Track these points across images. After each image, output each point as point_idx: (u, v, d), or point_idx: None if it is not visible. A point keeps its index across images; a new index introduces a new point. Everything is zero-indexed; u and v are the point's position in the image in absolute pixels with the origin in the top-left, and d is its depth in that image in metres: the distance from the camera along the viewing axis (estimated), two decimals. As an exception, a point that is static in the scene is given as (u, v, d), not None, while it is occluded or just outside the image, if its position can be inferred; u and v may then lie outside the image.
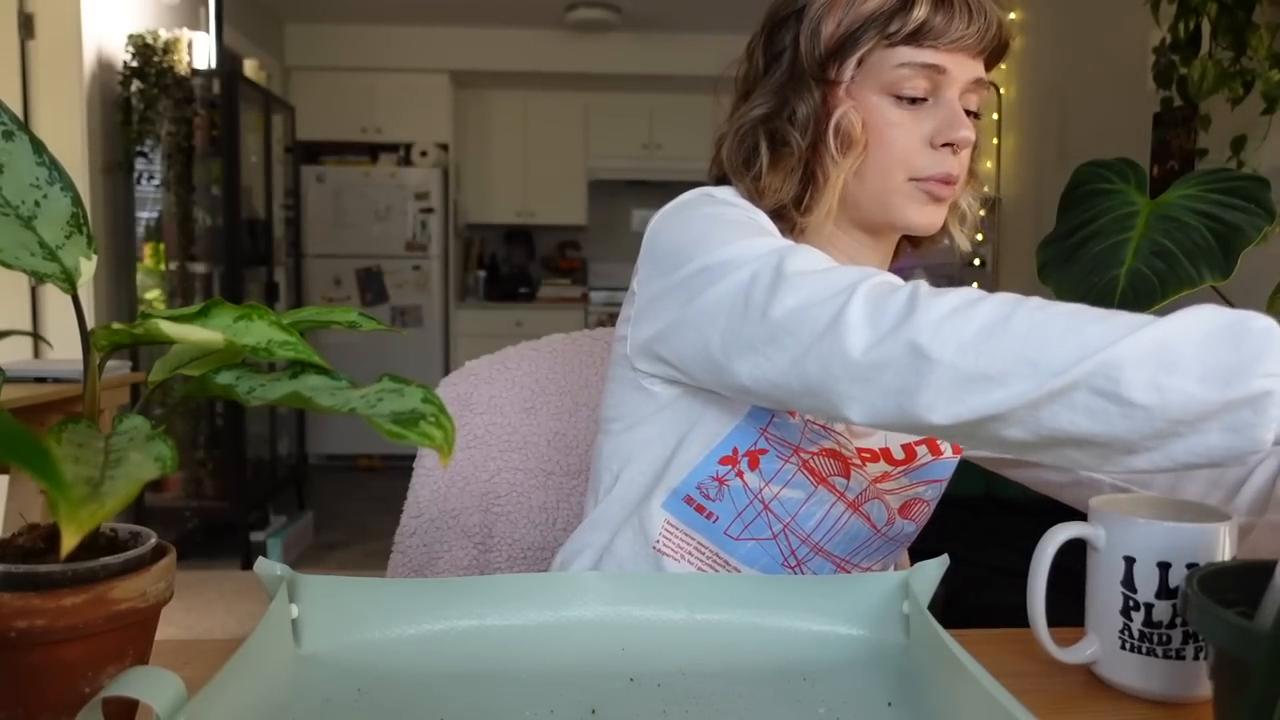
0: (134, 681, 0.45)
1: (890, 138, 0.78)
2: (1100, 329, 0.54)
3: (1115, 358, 0.52)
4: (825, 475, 0.80)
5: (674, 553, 0.82)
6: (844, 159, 0.79)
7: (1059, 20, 3.59)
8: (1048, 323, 0.55)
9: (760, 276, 0.68)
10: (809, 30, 0.80)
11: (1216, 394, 0.51)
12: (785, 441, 0.79)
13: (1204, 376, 0.51)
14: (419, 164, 5.44)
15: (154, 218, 3.50)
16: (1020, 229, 3.85)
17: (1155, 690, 0.61)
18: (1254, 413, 0.50)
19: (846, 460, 0.80)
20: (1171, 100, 2.59)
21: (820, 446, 0.80)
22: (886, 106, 0.78)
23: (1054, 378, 0.53)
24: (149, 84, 3.37)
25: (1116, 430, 0.53)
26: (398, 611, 0.64)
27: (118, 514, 0.41)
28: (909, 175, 0.79)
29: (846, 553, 0.84)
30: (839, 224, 0.84)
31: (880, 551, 0.86)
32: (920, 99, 0.78)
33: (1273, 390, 0.50)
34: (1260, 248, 0.65)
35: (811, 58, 0.80)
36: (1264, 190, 0.65)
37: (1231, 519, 0.62)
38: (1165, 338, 0.52)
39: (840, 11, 0.79)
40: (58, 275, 0.51)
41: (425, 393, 0.52)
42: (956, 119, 0.77)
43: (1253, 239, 0.62)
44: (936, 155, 0.78)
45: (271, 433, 4.11)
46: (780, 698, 0.56)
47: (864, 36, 0.77)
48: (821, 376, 0.63)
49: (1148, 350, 0.52)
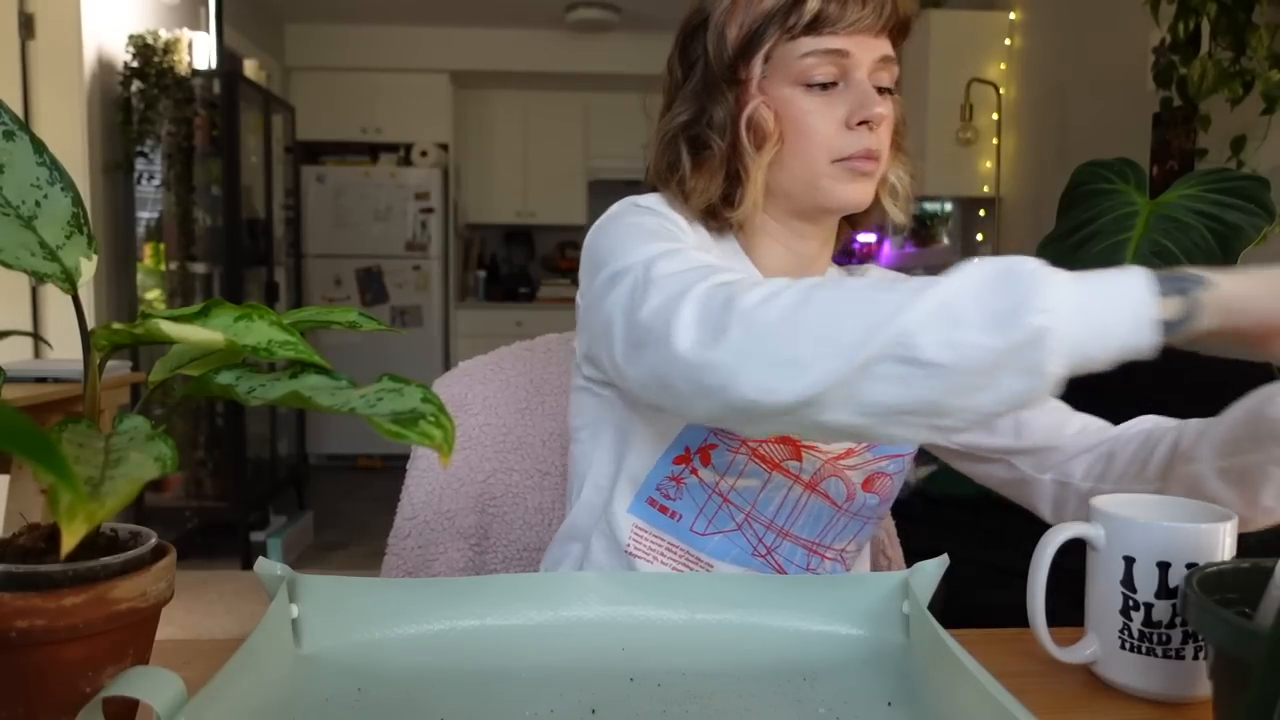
0: (134, 681, 0.45)
1: (808, 125, 0.81)
2: (890, 298, 0.56)
3: (906, 324, 0.54)
4: (777, 461, 0.82)
5: (645, 554, 0.84)
6: (760, 153, 0.82)
7: (1059, 20, 3.59)
8: (842, 300, 0.58)
9: (638, 281, 0.70)
10: (715, 36, 0.83)
11: (1001, 340, 0.53)
12: (732, 434, 0.81)
13: (985, 325, 0.53)
14: (419, 164, 5.44)
15: (154, 218, 3.50)
16: (1020, 229, 3.85)
17: (1155, 690, 0.61)
18: (1037, 351, 0.53)
19: (796, 443, 0.82)
20: (1171, 100, 2.59)
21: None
22: (799, 96, 0.81)
23: (855, 351, 0.55)
24: (149, 84, 3.37)
25: (925, 394, 0.55)
26: (398, 611, 0.64)
27: (118, 514, 0.41)
28: (831, 158, 0.81)
29: (814, 535, 0.85)
30: (775, 215, 0.86)
31: (849, 530, 0.87)
32: (830, 84, 0.81)
33: (1049, 326, 0.52)
34: (1260, 248, 0.65)
35: (721, 61, 0.83)
36: (1264, 190, 0.65)
37: (1232, 519, 0.62)
38: (948, 296, 0.55)
39: (741, 14, 0.82)
40: (58, 275, 0.51)
41: (425, 392, 0.52)
42: (868, 98, 0.79)
43: (1253, 239, 0.63)
44: (854, 134, 0.80)
45: (271, 433, 4.11)
46: (780, 698, 0.56)
47: (766, 33, 0.80)
48: (668, 377, 0.64)
49: (933, 310, 0.54)
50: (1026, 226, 3.78)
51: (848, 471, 0.85)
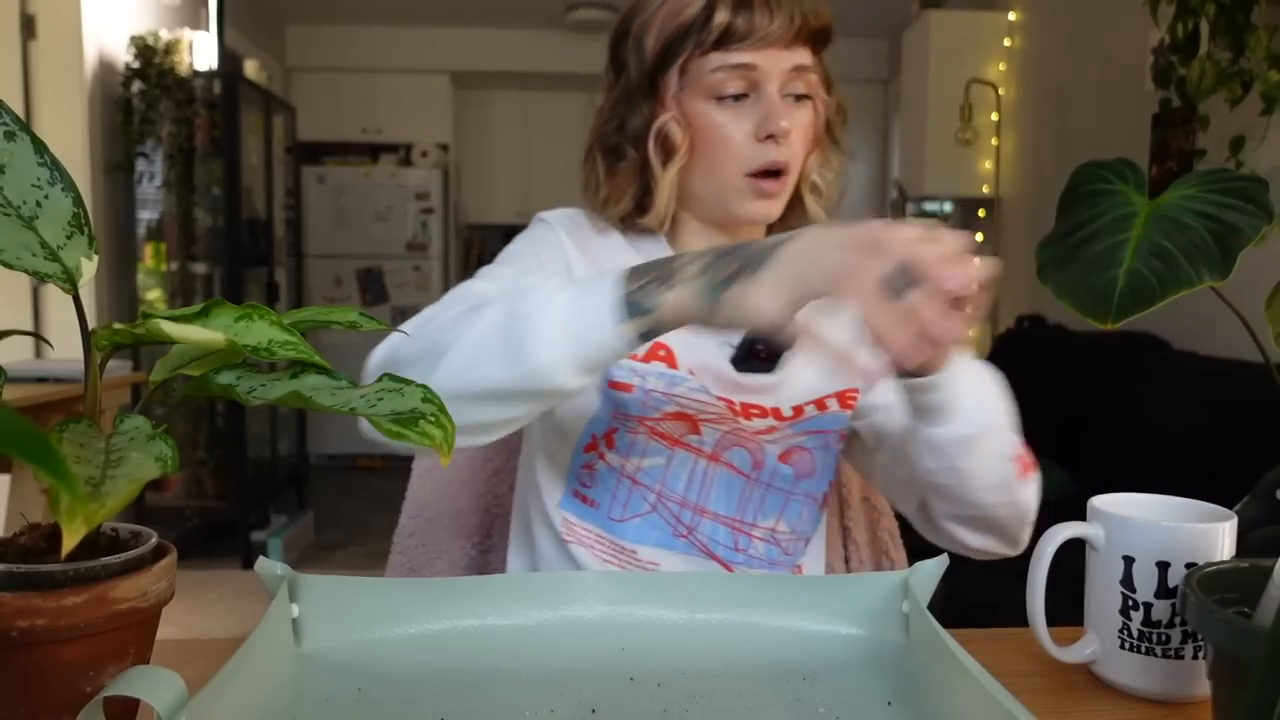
0: (135, 681, 0.45)
1: (719, 137, 0.84)
2: (472, 339, 0.68)
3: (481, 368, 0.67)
4: (677, 437, 0.85)
5: (580, 544, 0.88)
6: (668, 166, 0.86)
7: (1059, 20, 3.59)
8: (460, 349, 0.68)
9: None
10: (635, 48, 0.87)
11: (517, 371, 0.65)
12: (629, 416, 0.84)
13: (504, 364, 0.66)
14: (419, 164, 5.44)
15: (155, 218, 3.50)
16: (1020, 229, 3.85)
17: (1154, 690, 0.61)
18: (545, 378, 0.65)
19: (693, 418, 0.85)
20: (1170, 101, 2.59)
21: (663, 412, 0.85)
22: (711, 109, 0.83)
23: (463, 377, 0.67)
24: (150, 84, 3.37)
25: (501, 399, 0.67)
26: (398, 611, 0.64)
27: (118, 514, 0.41)
28: (743, 170, 0.84)
29: (732, 510, 0.87)
30: (697, 219, 0.90)
31: (771, 504, 0.88)
32: (742, 95, 0.83)
33: (544, 360, 0.64)
34: (1259, 248, 0.65)
35: (640, 73, 0.87)
36: (1263, 191, 0.65)
37: (1231, 519, 0.62)
38: (479, 340, 0.67)
39: (657, 27, 0.85)
40: (59, 275, 0.51)
41: (425, 392, 0.52)
42: (774, 112, 0.82)
43: (1251, 239, 0.63)
44: (761, 147, 0.83)
45: (272, 433, 4.11)
46: (780, 697, 0.56)
47: (680, 47, 0.84)
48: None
49: (468, 353, 0.67)
50: (1025, 226, 3.78)
51: (766, 443, 0.87)
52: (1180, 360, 2.50)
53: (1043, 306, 3.45)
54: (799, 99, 0.85)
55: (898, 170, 4.84)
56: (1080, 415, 2.68)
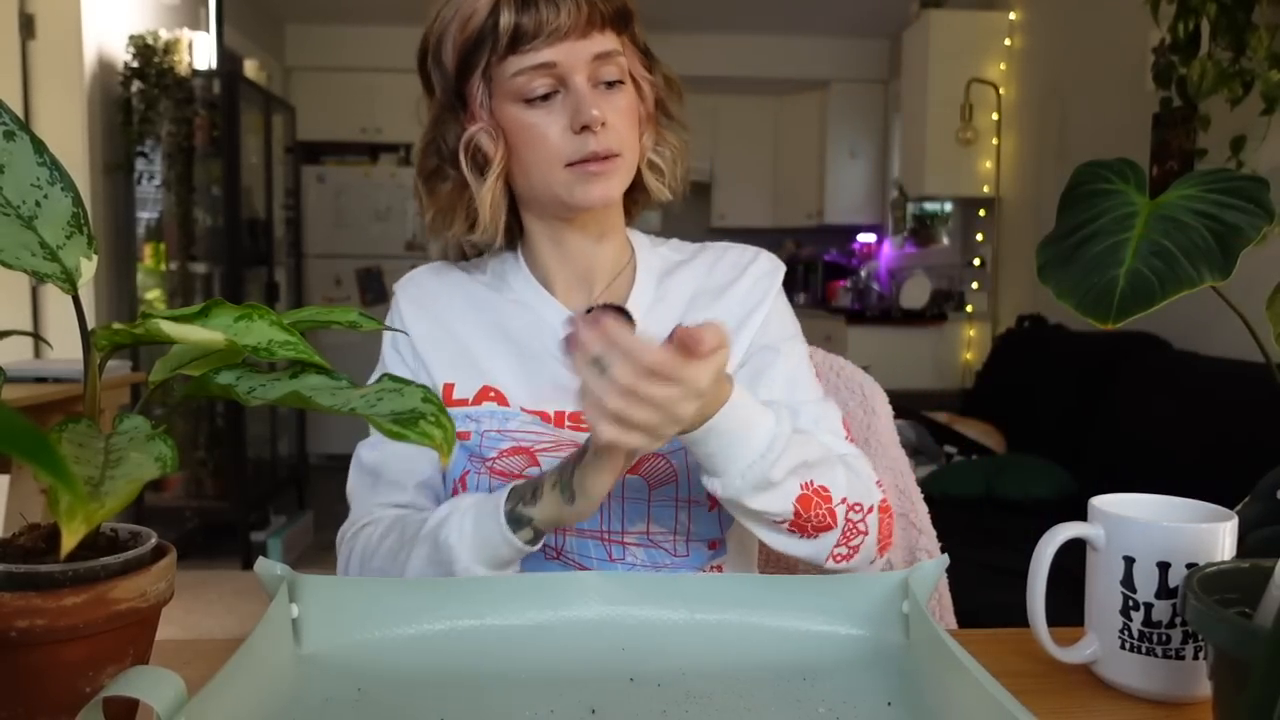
0: (134, 681, 0.45)
1: (534, 138, 0.82)
2: (400, 562, 0.81)
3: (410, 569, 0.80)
4: (518, 471, 0.85)
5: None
6: (484, 177, 0.85)
7: (1059, 20, 3.59)
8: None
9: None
10: (435, 65, 0.86)
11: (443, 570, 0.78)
12: (473, 457, 0.86)
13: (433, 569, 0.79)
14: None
15: (154, 218, 3.50)
16: (1020, 229, 3.85)
17: (1155, 690, 0.61)
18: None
19: (529, 450, 0.85)
20: (1171, 100, 2.59)
21: (499, 450, 0.85)
22: (522, 112, 0.82)
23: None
24: (149, 84, 3.37)
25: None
26: (398, 611, 0.64)
27: (118, 514, 0.41)
28: (564, 163, 0.82)
29: (596, 525, 0.84)
30: (540, 219, 0.90)
31: (634, 512, 0.85)
32: (552, 93, 0.82)
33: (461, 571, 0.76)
34: (1260, 248, 0.65)
35: (445, 89, 0.86)
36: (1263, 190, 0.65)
37: (1232, 519, 0.62)
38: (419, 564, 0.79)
39: (450, 40, 0.84)
40: (58, 275, 0.51)
41: (425, 392, 0.52)
42: (583, 103, 0.80)
43: (1252, 239, 0.62)
44: (579, 140, 0.82)
45: (272, 433, 4.11)
46: (780, 698, 0.56)
47: (476, 57, 0.82)
48: None
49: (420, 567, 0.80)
50: (1026, 226, 3.78)
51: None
52: (1180, 360, 2.50)
53: (1043, 306, 3.45)
54: (612, 85, 0.83)
55: (898, 170, 4.84)
56: (1080, 415, 2.68)
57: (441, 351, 0.90)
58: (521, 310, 0.90)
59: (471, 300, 0.92)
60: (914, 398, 3.54)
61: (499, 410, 0.86)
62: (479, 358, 0.89)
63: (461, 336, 0.90)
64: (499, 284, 0.93)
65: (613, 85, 0.83)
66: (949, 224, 4.60)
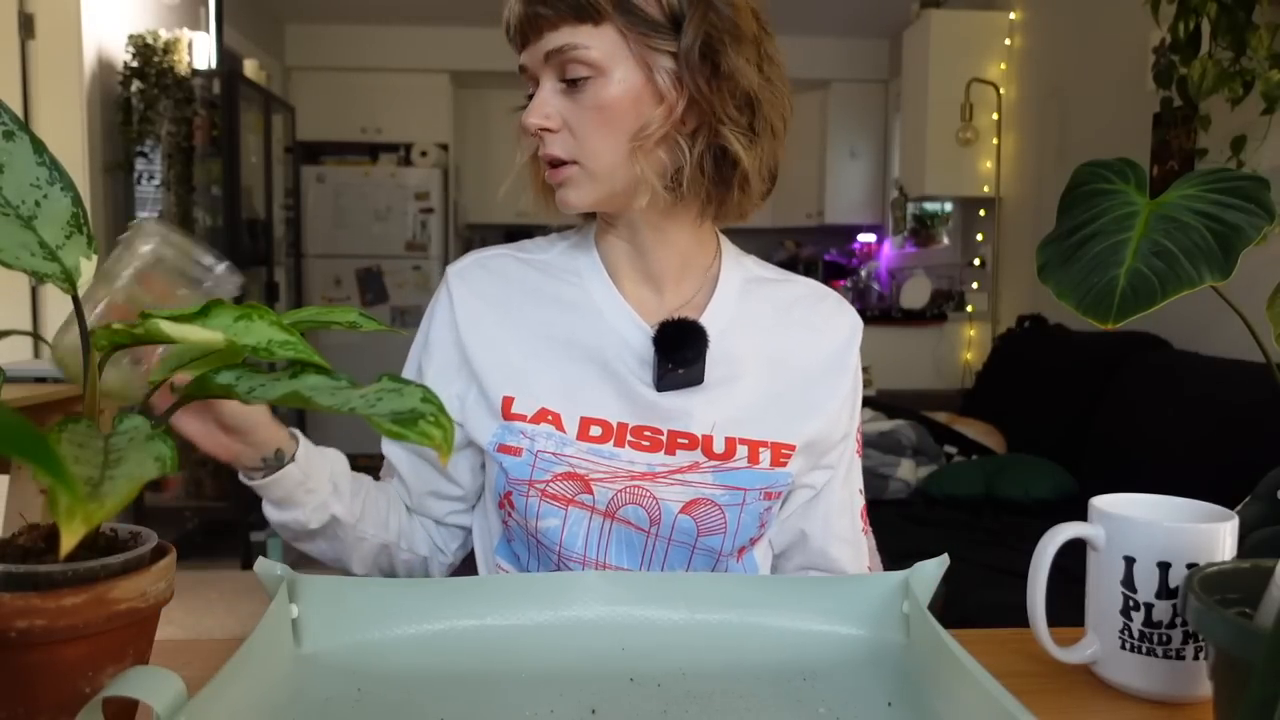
0: (134, 681, 0.45)
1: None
2: None
3: None
4: (569, 497, 0.82)
5: None
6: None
7: (1060, 20, 3.59)
8: None
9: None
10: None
11: None
12: (520, 480, 0.82)
13: None
14: (419, 164, 5.43)
15: (154, 218, 3.50)
16: (1020, 229, 3.85)
17: (1155, 690, 0.61)
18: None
19: (584, 478, 0.82)
20: (1171, 100, 2.59)
21: (553, 474, 0.82)
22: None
23: None
24: (149, 84, 3.37)
25: None
26: (398, 611, 0.64)
27: (118, 514, 0.41)
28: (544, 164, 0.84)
29: (635, 564, 0.84)
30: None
31: (676, 557, 0.84)
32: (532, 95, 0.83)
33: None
34: (1260, 248, 0.65)
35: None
36: (1264, 190, 0.65)
37: (1233, 519, 0.62)
38: None
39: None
40: (58, 275, 0.51)
41: (425, 392, 0.52)
42: (529, 110, 0.82)
43: (1252, 239, 0.62)
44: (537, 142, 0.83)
45: (271, 433, 4.10)
46: (780, 698, 0.56)
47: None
48: None
49: None
50: (1026, 226, 3.78)
51: (664, 498, 0.82)
52: (1181, 360, 2.50)
53: (1043, 306, 3.45)
54: (576, 83, 0.78)
55: (898, 170, 4.84)
56: (1080, 415, 2.68)
57: (500, 361, 0.87)
58: (592, 318, 0.87)
59: (536, 298, 0.89)
60: (914, 398, 3.54)
61: (555, 433, 0.83)
62: (539, 374, 0.86)
63: (523, 347, 0.87)
64: (569, 275, 0.90)
65: (576, 83, 0.78)
66: (949, 224, 4.60)
